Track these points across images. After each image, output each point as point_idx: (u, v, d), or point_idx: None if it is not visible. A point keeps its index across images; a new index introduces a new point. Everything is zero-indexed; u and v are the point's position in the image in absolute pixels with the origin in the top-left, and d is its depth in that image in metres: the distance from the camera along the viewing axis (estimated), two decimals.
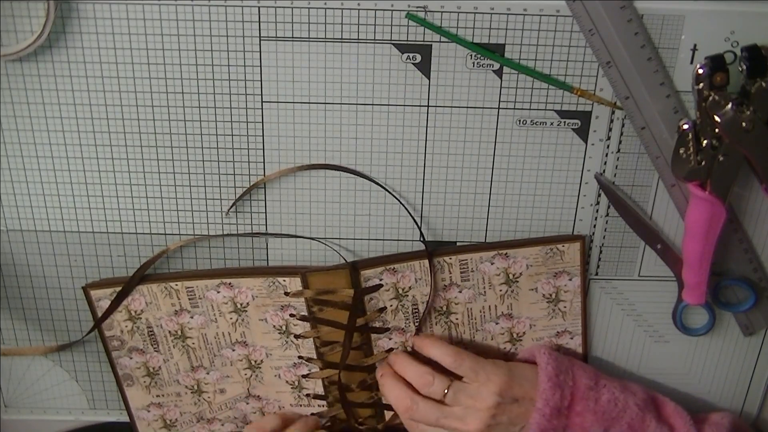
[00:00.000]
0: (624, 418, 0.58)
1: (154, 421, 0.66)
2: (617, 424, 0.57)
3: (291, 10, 0.54)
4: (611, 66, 0.54)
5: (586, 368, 0.60)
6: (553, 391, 0.57)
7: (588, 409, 0.57)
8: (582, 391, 0.58)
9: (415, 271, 0.60)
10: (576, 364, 0.60)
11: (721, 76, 0.52)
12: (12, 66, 0.55)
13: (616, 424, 0.57)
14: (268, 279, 0.60)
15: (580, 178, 0.59)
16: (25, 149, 0.58)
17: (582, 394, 0.58)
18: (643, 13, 0.53)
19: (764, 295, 0.61)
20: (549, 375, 0.58)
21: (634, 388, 0.60)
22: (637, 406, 0.58)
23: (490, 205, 0.60)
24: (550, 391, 0.57)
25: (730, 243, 0.60)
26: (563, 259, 0.60)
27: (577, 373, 0.59)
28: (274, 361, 0.63)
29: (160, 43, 0.55)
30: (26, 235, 0.61)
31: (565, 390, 0.57)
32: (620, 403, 0.58)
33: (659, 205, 0.60)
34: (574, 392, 0.58)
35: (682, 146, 0.54)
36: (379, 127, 0.57)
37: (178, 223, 0.61)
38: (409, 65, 0.56)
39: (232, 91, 0.56)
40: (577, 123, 0.57)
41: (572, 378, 0.58)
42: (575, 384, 0.58)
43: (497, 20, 0.54)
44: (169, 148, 0.58)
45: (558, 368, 0.58)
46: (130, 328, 0.62)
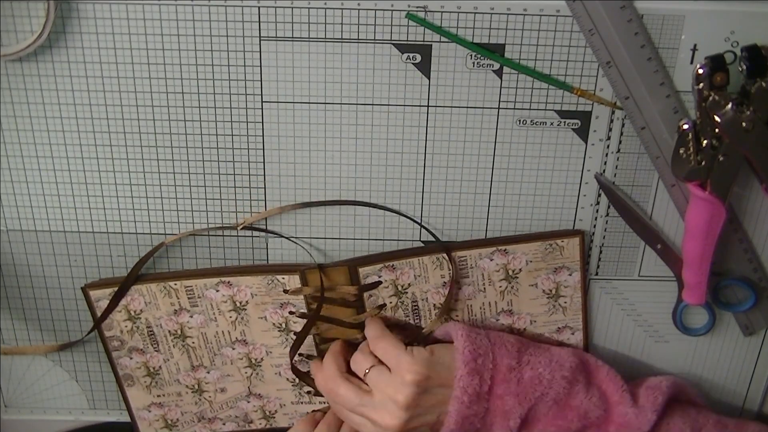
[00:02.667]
0: (549, 394, 0.56)
1: (156, 421, 0.66)
2: (542, 402, 0.56)
3: (291, 10, 0.54)
4: (611, 66, 0.54)
5: (509, 344, 0.58)
6: (471, 377, 0.55)
7: (509, 391, 0.55)
8: (503, 374, 0.56)
9: (414, 268, 0.60)
10: (497, 342, 0.57)
11: (721, 76, 0.52)
12: (12, 66, 0.55)
13: (540, 401, 0.56)
14: (267, 277, 0.60)
15: (580, 178, 0.59)
16: (25, 149, 0.58)
17: (503, 377, 0.56)
18: (643, 13, 0.53)
19: (764, 295, 0.61)
20: (466, 360, 0.55)
21: (563, 357, 0.58)
22: (565, 379, 0.56)
23: (490, 205, 0.60)
24: (468, 377, 0.55)
25: (730, 243, 0.60)
26: (563, 254, 0.60)
27: (498, 353, 0.57)
28: (274, 358, 0.63)
29: (160, 43, 0.55)
30: (26, 235, 0.61)
31: (485, 374, 0.55)
32: (545, 379, 0.56)
33: (659, 205, 0.60)
34: (495, 375, 0.56)
35: (682, 146, 0.54)
36: (379, 127, 0.57)
37: (178, 223, 0.61)
38: (409, 65, 0.56)
39: (232, 91, 0.56)
40: (577, 123, 0.57)
41: (492, 360, 0.56)
42: (495, 367, 0.56)
43: (497, 20, 0.54)
44: (169, 148, 0.58)
45: (476, 352, 0.56)
46: (129, 328, 0.62)
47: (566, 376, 0.57)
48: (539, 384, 0.56)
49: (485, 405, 0.55)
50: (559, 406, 0.56)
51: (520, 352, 0.57)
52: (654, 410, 0.57)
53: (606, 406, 0.57)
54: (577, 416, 0.56)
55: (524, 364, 0.57)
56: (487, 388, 0.55)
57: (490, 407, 0.55)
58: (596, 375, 0.59)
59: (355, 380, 0.57)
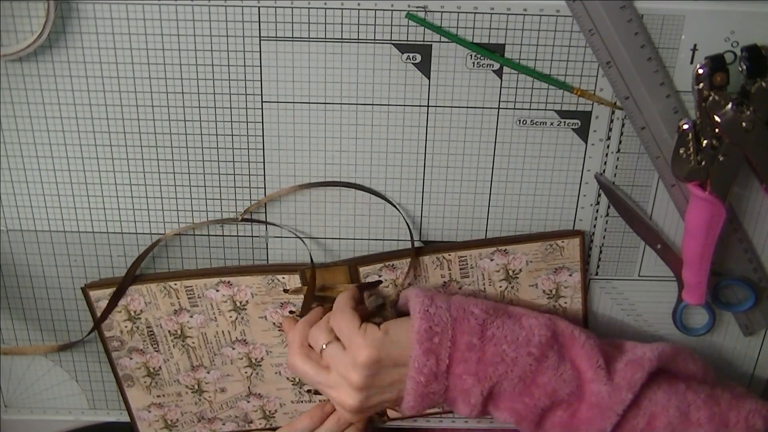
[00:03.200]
0: (513, 371, 0.53)
1: (155, 422, 0.66)
2: (506, 379, 0.53)
3: (291, 10, 0.54)
4: (611, 66, 0.54)
5: (473, 317, 0.54)
6: (426, 357, 0.52)
7: (468, 370, 0.53)
8: (461, 352, 0.53)
9: (414, 267, 0.60)
10: (459, 317, 0.54)
11: (721, 76, 0.52)
12: (12, 66, 0.55)
13: (504, 379, 0.53)
14: (267, 276, 0.60)
15: (580, 178, 0.59)
16: (25, 149, 0.58)
17: (461, 356, 0.53)
18: (643, 13, 0.53)
19: (764, 295, 0.61)
20: (421, 338, 0.52)
21: (532, 331, 0.55)
22: (531, 356, 0.53)
23: (490, 205, 0.60)
24: (423, 357, 0.52)
25: (730, 243, 0.60)
26: (563, 254, 0.60)
27: (459, 329, 0.53)
28: (274, 358, 0.63)
29: (160, 43, 0.55)
30: (26, 235, 0.61)
31: (441, 353, 0.52)
32: (508, 357, 0.53)
33: (659, 205, 0.60)
34: (453, 354, 0.53)
35: (682, 146, 0.54)
36: (379, 127, 0.57)
37: (178, 223, 0.61)
38: (409, 65, 0.56)
39: (232, 91, 0.56)
40: (577, 123, 0.57)
41: (450, 338, 0.53)
42: (454, 345, 0.53)
43: (497, 20, 0.54)
44: (169, 148, 0.58)
45: (432, 330, 0.53)
46: (129, 328, 0.62)
47: (533, 353, 0.53)
48: (501, 362, 0.53)
49: (444, 383, 0.53)
50: (525, 383, 0.54)
51: (484, 326, 0.54)
52: (630, 389, 0.54)
53: (578, 383, 0.54)
54: (544, 394, 0.54)
55: (487, 340, 0.53)
56: (445, 368, 0.53)
57: (450, 385, 0.53)
58: (570, 348, 0.55)
59: (315, 356, 0.56)
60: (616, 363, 0.55)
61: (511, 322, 0.55)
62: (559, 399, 0.54)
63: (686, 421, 0.55)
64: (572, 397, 0.54)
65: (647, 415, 0.54)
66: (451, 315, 0.54)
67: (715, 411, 0.55)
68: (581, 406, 0.54)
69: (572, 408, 0.54)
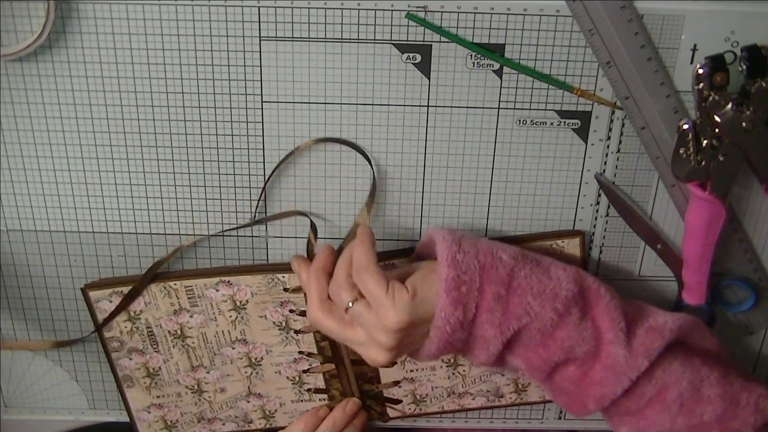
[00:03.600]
0: (534, 324, 0.52)
1: (155, 422, 0.66)
2: (525, 331, 0.52)
3: (291, 10, 0.54)
4: (611, 66, 0.54)
5: (501, 266, 0.52)
6: (454, 308, 0.51)
7: (492, 321, 0.51)
8: (488, 303, 0.51)
9: None
10: (487, 264, 0.52)
11: (721, 76, 0.52)
12: (12, 66, 0.55)
13: (523, 331, 0.52)
14: (267, 275, 0.60)
15: (580, 178, 0.59)
16: (25, 149, 0.58)
17: (487, 306, 0.51)
18: (643, 13, 0.53)
19: (764, 295, 0.61)
20: (448, 288, 0.50)
21: (560, 285, 0.53)
22: (555, 311, 0.52)
23: (490, 205, 0.60)
24: (450, 308, 0.50)
25: (730, 243, 0.60)
26: (563, 254, 0.60)
27: (487, 278, 0.51)
28: (274, 357, 0.63)
29: (160, 43, 0.55)
30: (26, 235, 0.61)
31: (469, 303, 0.51)
32: (532, 310, 0.52)
33: (659, 205, 0.60)
34: (479, 304, 0.51)
35: (682, 146, 0.54)
36: (379, 127, 0.57)
37: (178, 223, 0.61)
38: (409, 65, 0.56)
39: (232, 91, 0.56)
40: (577, 123, 0.57)
41: (478, 287, 0.51)
42: (481, 295, 0.51)
43: (497, 20, 0.54)
44: (169, 148, 0.58)
45: (460, 279, 0.51)
46: (129, 328, 0.62)
47: (557, 308, 0.52)
48: (525, 315, 0.52)
49: (468, 331, 0.52)
50: (543, 336, 0.52)
51: (512, 274, 0.52)
52: (647, 356, 0.52)
53: (596, 342, 0.53)
54: (560, 348, 0.53)
55: (513, 290, 0.52)
56: (471, 317, 0.51)
57: (473, 334, 0.52)
58: (594, 306, 0.54)
59: (338, 310, 0.53)
60: (636, 328, 0.54)
61: (540, 271, 0.53)
62: (574, 356, 0.53)
63: (698, 395, 0.54)
64: (588, 355, 0.53)
65: (659, 384, 0.54)
66: (479, 262, 0.52)
67: (727, 390, 0.54)
68: (595, 365, 0.53)
69: (586, 366, 0.54)
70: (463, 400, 0.66)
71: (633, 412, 0.55)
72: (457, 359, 0.64)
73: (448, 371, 0.65)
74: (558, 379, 0.55)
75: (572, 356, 0.53)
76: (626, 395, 0.54)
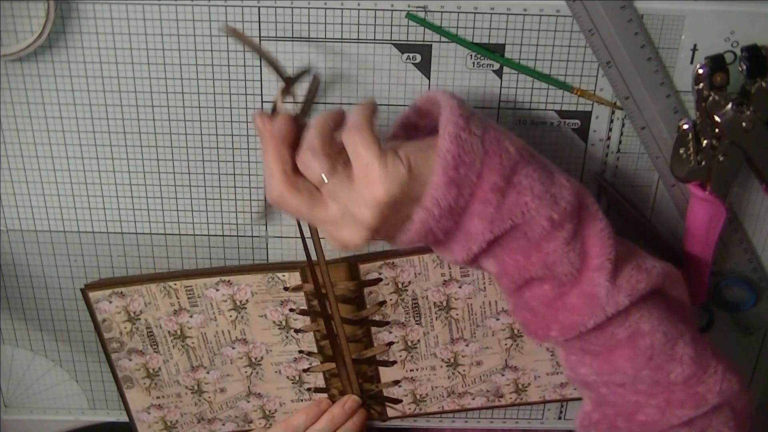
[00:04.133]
0: (524, 227, 0.47)
1: (155, 423, 0.66)
2: (513, 233, 0.47)
3: (291, 10, 0.54)
4: (611, 66, 0.54)
5: (505, 156, 0.46)
6: (448, 189, 0.45)
7: (483, 214, 0.46)
8: (484, 192, 0.45)
9: (414, 266, 0.60)
10: (491, 150, 0.46)
11: (721, 76, 0.52)
12: (12, 66, 0.55)
13: (512, 232, 0.47)
14: (267, 275, 0.60)
15: (580, 178, 0.59)
16: (25, 149, 0.58)
17: (483, 196, 0.46)
18: (643, 13, 0.53)
19: (764, 295, 0.61)
20: (446, 165, 0.44)
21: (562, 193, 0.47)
22: (549, 220, 0.46)
23: None
24: (444, 187, 0.45)
25: (730, 243, 0.60)
26: None
27: (488, 164, 0.46)
28: (274, 357, 0.63)
29: (160, 43, 0.55)
30: (26, 235, 0.61)
31: (464, 188, 0.45)
32: (528, 211, 0.46)
33: (659, 205, 0.60)
34: (475, 192, 0.45)
35: (682, 146, 0.54)
36: (379, 127, 0.57)
37: (178, 223, 0.61)
38: (409, 65, 0.56)
39: (232, 91, 0.56)
40: (577, 123, 0.57)
41: (478, 173, 0.45)
42: (479, 181, 0.45)
43: (497, 20, 0.54)
44: (169, 148, 0.58)
45: (460, 158, 0.45)
46: (129, 329, 0.62)
47: (552, 217, 0.47)
48: (519, 215, 0.46)
49: (455, 220, 0.46)
50: (529, 243, 0.47)
51: (515, 169, 0.46)
52: (629, 295, 0.48)
53: (580, 266, 0.48)
54: (541, 262, 0.48)
55: (513, 185, 0.46)
56: (463, 204, 0.46)
57: (459, 224, 0.47)
58: (588, 228, 0.49)
59: (305, 184, 0.47)
60: (624, 263, 0.49)
61: (544, 174, 0.48)
62: (553, 275, 0.48)
63: (670, 351, 0.50)
64: (568, 277, 0.48)
65: (632, 328, 0.49)
66: (484, 147, 0.46)
67: (699, 353, 0.51)
68: (573, 290, 0.49)
69: (563, 289, 0.49)
70: (463, 400, 0.66)
71: (597, 353, 0.51)
72: (457, 359, 0.64)
73: (448, 371, 0.65)
74: (528, 294, 0.50)
75: (551, 274, 0.48)
76: (595, 331, 0.49)
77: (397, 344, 0.63)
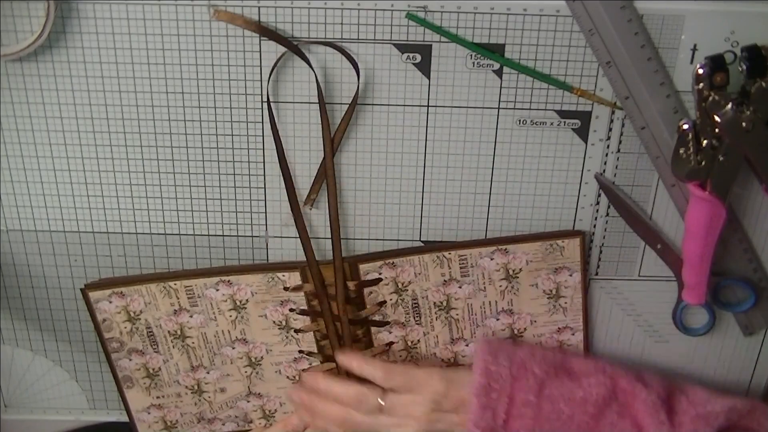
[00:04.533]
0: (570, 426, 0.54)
1: (155, 423, 0.66)
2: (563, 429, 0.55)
3: (291, 10, 0.54)
4: (611, 66, 0.54)
5: (531, 377, 0.56)
6: (483, 411, 0.54)
7: (525, 426, 0.54)
8: (518, 408, 0.55)
9: (414, 266, 0.60)
10: (519, 375, 0.56)
11: (721, 76, 0.52)
12: (12, 66, 0.55)
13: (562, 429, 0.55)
14: (267, 275, 0.60)
15: (580, 178, 0.59)
16: (25, 149, 0.58)
17: (517, 412, 0.55)
18: (643, 13, 0.53)
19: (764, 295, 0.61)
20: (478, 392, 0.55)
21: (590, 391, 0.55)
22: (588, 414, 0.55)
23: (490, 205, 0.60)
24: (479, 411, 0.54)
25: (730, 243, 0.60)
26: (563, 254, 0.60)
27: (517, 387, 0.55)
28: (274, 356, 0.63)
29: (160, 43, 0.55)
30: (26, 235, 0.61)
31: (498, 408, 0.55)
32: (565, 413, 0.55)
33: (659, 205, 0.60)
34: (510, 409, 0.55)
35: (682, 146, 0.54)
36: (379, 127, 0.57)
37: (178, 223, 0.61)
38: (409, 65, 0.56)
39: (232, 91, 0.56)
40: (577, 123, 0.57)
41: (508, 395, 0.55)
42: (511, 401, 0.55)
43: (497, 20, 0.54)
44: (169, 148, 0.58)
45: (490, 386, 0.55)
46: (129, 329, 0.62)
47: (589, 411, 0.55)
48: (557, 420, 0.54)
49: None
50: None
51: (543, 385, 0.56)
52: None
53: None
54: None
55: (544, 398, 0.55)
56: (501, 422, 0.54)
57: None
58: (631, 405, 0.55)
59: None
60: (681, 416, 0.55)
61: (570, 381, 0.56)
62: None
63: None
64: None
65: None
66: (512, 374, 0.56)
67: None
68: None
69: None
70: None
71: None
72: (457, 359, 0.64)
73: None
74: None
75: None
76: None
77: (397, 344, 0.63)
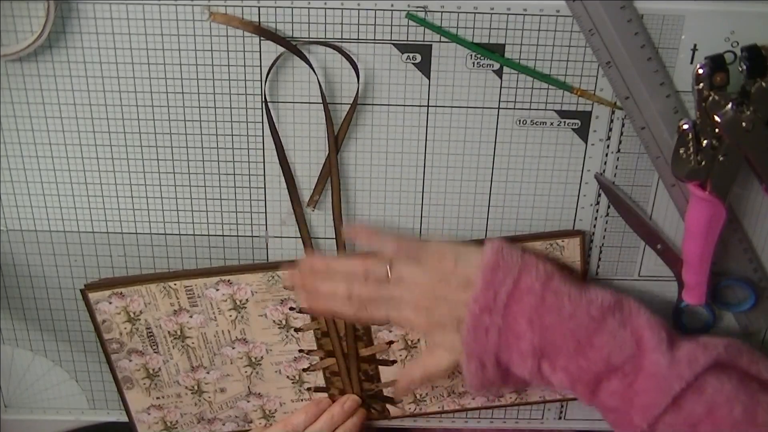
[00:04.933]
0: (568, 326, 0.53)
1: (155, 424, 0.66)
2: (559, 334, 0.53)
3: (291, 10, 0.54)
4: (611, 66, 0.54)
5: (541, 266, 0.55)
6: (486, 289, 0.53)
7: (522, 312, 0.53)
8: (520, 293, 0.53)
9: None
10: (528, 263, 0.55)
11: (721, 76, 0.52)
12: (12, 66, 0.55)
13: (557, 334, 0.53)
14: (267, 273, 0.60)
15: (580, 178, 0.59)
16: (25, 149, 0.58)
17: (519, 297, 0.53)
18: (643, 13, 0.53)
19: (764, 295, 0.61)
20: (485, 269, 0.54)
21: (597, 293, 0.55)
22: (589, 315, 0.53)
23: (490, 205, 0.60)
24: (483, 287, 0.53)
25: (730, 243, 0.60)
26: (563, 254, 0.60)
27: (524, 271, 0.54)
28: (274, 356, 0.63)
29: (160, 43, 0.55)
30: (26, 235, 0.61)
31: (501, 289, 0.53)
32: (566, 310, 0.53)
33: (659, 205, 0.60)
34: (513, 292, 0.53)
35: (682, 146, 0.54)
36: (379, 127, 0.57)
37: (178, 223, 0.61)
38: (409, 65, 0.56)
39: (232, 91, 0.56)
40: (577, 123, 0.57)
41: (514, 278, 0.53)
42: (516, 285, 0.53)
43: (497, 20, 0.54)
44: (169, 148, 0.58)
45: (497, 264, 0.54)
46: (129, 329, 0.62)
47: (592, 314, 0.53)
48: (557, 314, 0.53)
49: (500, 320, 0.53)
50: (579, 342, 0.53)
51: (550, 278, 0.54)
52: (690, 366, 0.52)
53: (638, 349, 0.53)
54: (599, 357, 0.52)
55: (548, 288, 0.54)
56: (502, 304, 0.53)
57: (504, 324, 0.53)
58: (634, 319, 0.54)
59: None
60: (680, 341, 0.54)
61: (578, 283, 0.55)
62: (615, 365, 0.52)
63: (752, 421, 0.51)
64: (629, 365, 0.52)
65: (709, 403, 0.51)
66: (522, 259, 0.55)
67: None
68: (639, 375, 0.52)
69: (629, 378, 0.53)
70: (463, 399, 0.66)
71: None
72: None
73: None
74: (603, 396, 0.54)
75: (612, 365, 0.52)
76: (673, 411, 0.52)
77: (397, 343, 0.63)
